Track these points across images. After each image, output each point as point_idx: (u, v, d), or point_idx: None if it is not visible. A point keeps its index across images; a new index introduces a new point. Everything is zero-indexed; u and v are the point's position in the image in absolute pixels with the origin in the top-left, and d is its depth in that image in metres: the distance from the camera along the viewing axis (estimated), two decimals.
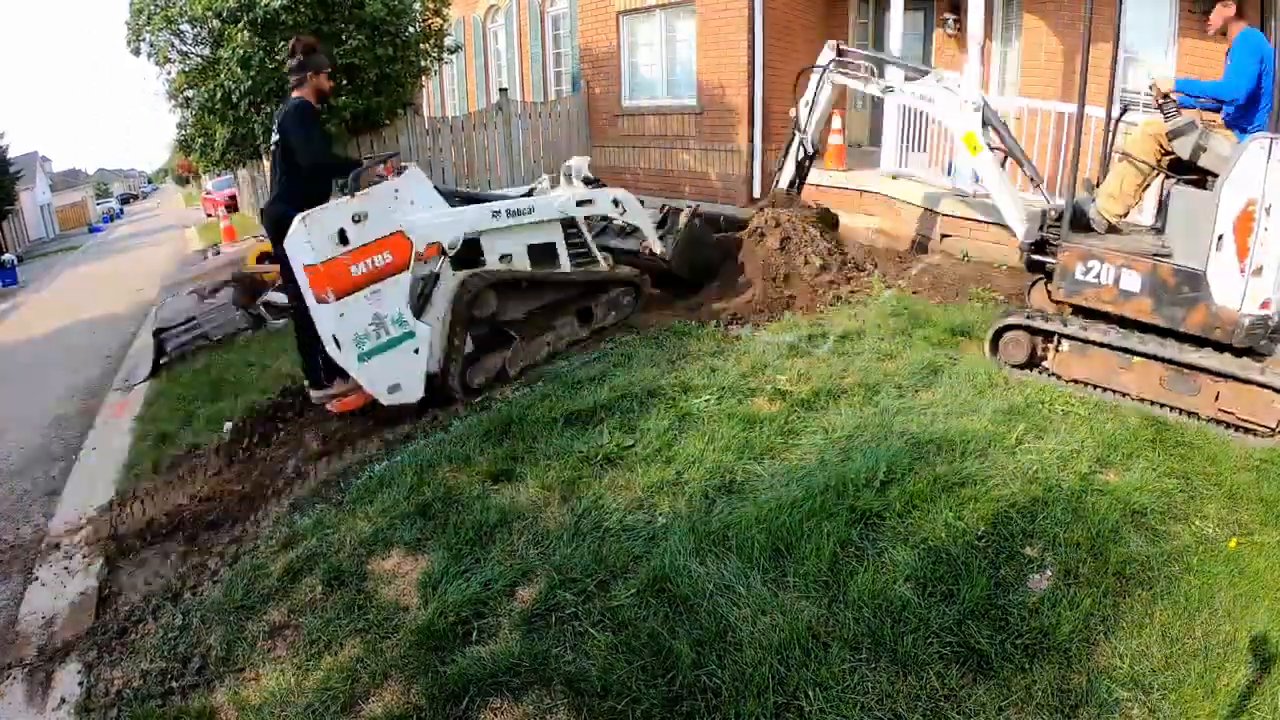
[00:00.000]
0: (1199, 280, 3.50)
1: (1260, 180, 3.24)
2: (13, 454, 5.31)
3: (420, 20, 8.68)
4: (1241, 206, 3.31)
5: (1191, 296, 3.54)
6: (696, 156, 9.02)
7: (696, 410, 3.83)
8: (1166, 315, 3.65)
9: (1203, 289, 3.49)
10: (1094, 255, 3.87)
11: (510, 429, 3.82)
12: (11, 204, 28.76)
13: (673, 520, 2.98)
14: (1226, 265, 3.40)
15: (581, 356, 4.84)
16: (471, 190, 4.98)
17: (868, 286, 5.69)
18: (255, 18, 6.81)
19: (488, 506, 3.21)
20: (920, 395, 3.91)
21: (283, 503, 3.67)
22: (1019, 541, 2.74)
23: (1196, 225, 3.51)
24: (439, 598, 2.69)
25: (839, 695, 2.15)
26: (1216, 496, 2.97)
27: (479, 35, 12.12)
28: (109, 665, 2.79)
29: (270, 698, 2.45)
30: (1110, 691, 2.14)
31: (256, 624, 2.80)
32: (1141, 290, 3.71)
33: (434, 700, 2.29)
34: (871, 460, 3.20)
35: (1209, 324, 3.50)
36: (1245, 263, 3.34)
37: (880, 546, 2.73)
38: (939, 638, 2.32)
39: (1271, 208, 3.24)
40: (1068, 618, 2.37)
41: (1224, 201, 3.37)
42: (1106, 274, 3.83)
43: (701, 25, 8.57)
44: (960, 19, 8.02)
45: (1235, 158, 3.34)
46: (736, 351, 4.61)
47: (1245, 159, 3.28)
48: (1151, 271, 3.67)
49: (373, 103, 7.84)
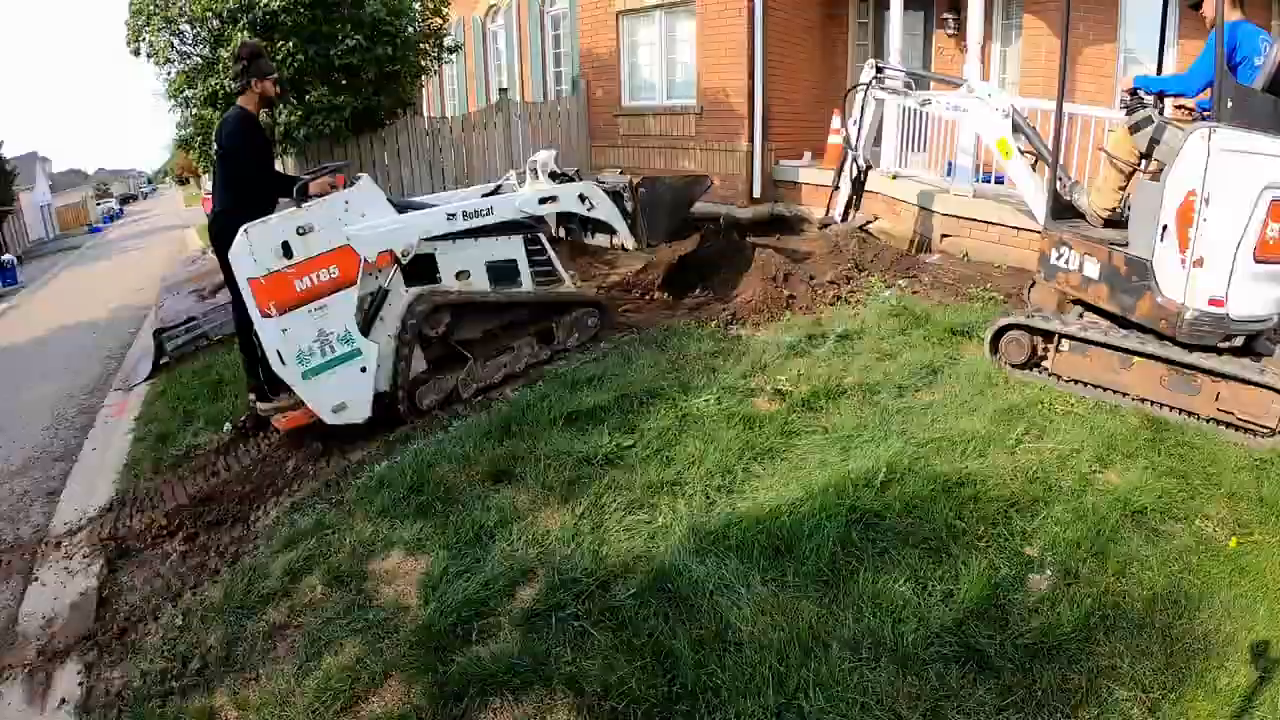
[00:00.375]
0: (1146, 270, 3.54)
1: (1200, 171, 3.24)
2: (13, 454, 5.30)
3: (420, 20, 8.68)
4: (1183, 197, 3.33)
5: (1140, 285, 3.59)
6: (696, 157, 9.02)
7: (696, 410, 3.83)
8: (1119, 303, 3.71)
9: (1149, 278, 3.53)
10: (1064, 242, 4.00)
11: (510, 429, 3.82)
12: (11, 204, 28.76)
13: (673, 520, 2.98)
14: (1169, 256, 3.43)
15: (581, 356, 4.84)
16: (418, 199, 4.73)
17: (868, 286, 5.70)
18: (255, 18, 6.81)
19: (488, 506, 3.21)
20: (920, 395, 3.91)
21: (283, 503, 3.67)
22: (1019, 541, 2.74)
23: (1148, 216, 3.55)
24: (439, 598, 2.69)
25: (839, 695, 2.15)
26: (1216, 496, 2.97)
27: (479, 35, 12.12)
28: (109, 665, 2.80)
29: (270, 698, 2.45)
30: (1110, 691, 2.14)
31: (256, 624, 2.81)
32: (1099, 277, 3.80)
33: (434, 700, 2.29)
34: (871, 460, 3.21)
35: (1155, 314, 3.54)
36: (1185, 254, 3.35)
37: (880, 546, 2.72)
38: (939, 638, 2.32)
39: (1211, 198, 3.24)
40: (1068, 618, 2.37)
41: (1168, 192, 3.39)
42: (1073, 260, 3.94)
43: (701, 25, 8.56)
44: (960, 19, 8.03)
45: (1177, 148, 3.36)
46: (736, 351, 4.61)
47: (1186, 150, 3.30)
48: (1107, 259, 3.75)
49: (372, 103, 7.83)
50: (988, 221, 6.25)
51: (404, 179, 8.68)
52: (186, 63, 7.52)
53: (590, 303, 5.13)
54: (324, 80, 7.34)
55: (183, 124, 7.89)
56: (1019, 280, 5.50)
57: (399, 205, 4.21)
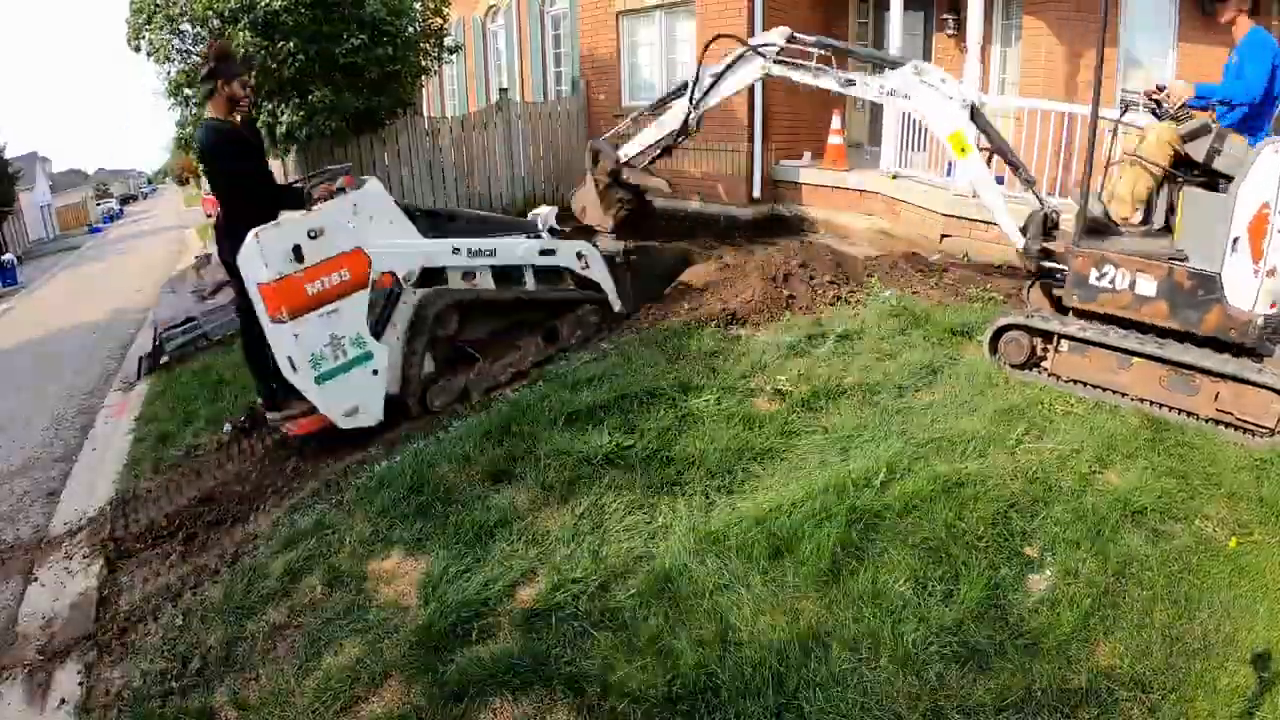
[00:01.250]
0: (1214, 283, 3.52)
1: (1274, 184, 3.27)
2: (13, 454, 5.31)
3: (420, 20, 8.68)
4: (1256, 209, 3.34)
5: (1207, 299, 3.56)
6: (696, 157, 9.02)
7: (696, 410, 3.83)
8: (1182, 318, 3.65)
9: (1217, 291, 3.52)
10: (1108, 260, 3.82)
11: (510, 429, 3.82)
12: (11, 204, 28.75)
13: (673, 520, 2.98)
14: (1241, 267, 3.43)
15: (582, 356, 4.84)
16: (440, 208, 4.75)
17: (868, 286, 5.69)
18: (256, 17, 6.82)
19: (488, 506, 3.21)
20: (920, 395, 3.91)
21: (283, 503, 3.67)
22: (1019, 541, 2.74)
23: (1211, 228, 3.53)
24: (439, 598, 2.69)
25: (839, 695, 2.15)
26: (1216, 496, 2.97)
27: (479, 35, 12.12)
28: (109, 665, 2.80)
29: (270, 698, 2.45)
30: (1110, 691, 2.14)
31: (256, 624, 2.81)
32: (1158, 294, 3.70)
33: (434, 700, 2.30)
34: (871, 460, 3.21)
35: (1224, 325, 3.52)
36: (1260, 264, 3.37)
37: (880, 546, 2.73)
38: (939, 638, 2.32)
39: None
40: (1068, 618, 2.37)
41: (1239, 204, 3.39)
42: (1121, 279, 3.79)
43: (701, 25, 8.56)
44: (960, 20, 8.02)
45: (1251, 161, 3.37)
46: (736, 351, 4.61)
47: (1260, 162, 3.32)
48: (1167, 275, 3.67)
49: (373, 103, 7.84)
50: (988, 222, 6.25)
51: (404, 179, 8.69)
52: (187, 62, 7.53)
53: (593, 300, 5.14)
54: (325, 80, 7.34)
55: (183, 123, 7.90)
56: (1019, 280, 5.50)
57: (408, 211, 4.15)
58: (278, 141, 7.33)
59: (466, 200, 9.33)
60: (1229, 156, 3.65)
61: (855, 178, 7.92)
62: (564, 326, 4.96)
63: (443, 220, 4.53)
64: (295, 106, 7.15)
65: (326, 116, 7.31)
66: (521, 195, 9.85)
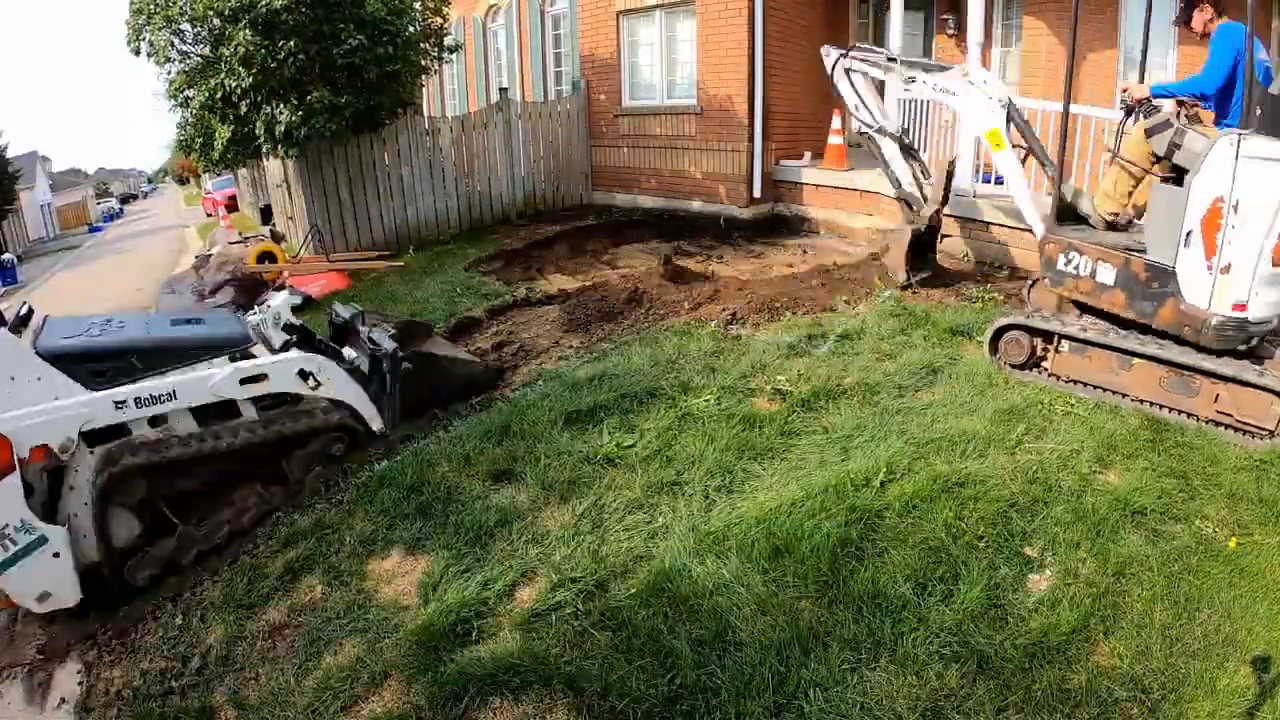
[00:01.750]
0: (1169, 276, 3.52)
1: (1229, 177, 3.23)
2: None
3: (420, 20, 8.68)
4: (1209, 203, 3.31)
5: (1162, 292, 3.56)
6: (696, 157, 9.02)
7: (696, 410, 3.83)
8: (1138, 309, 3.67)
9: (1172, 285, 3.50)
10: (1074, 248, 3.93)
11: (510, 429, 3.82)
12: (11, 203, 28.76)
13: (672, 520, 2.99)
14: (1195, 262, 3.40)
15: (581, 356, 4.84)
16: (105, 337, 3.43)
17: (867, 286, 5.70)
18: (256, 17, 6.82)
19: (488, 506, 3.21)
20: (920, 395, 3.91)
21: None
22: (1019, 541, 2.74)
23: (1169, 221, 3.53)
24: (439, 598, 2.70)
25: (839, 695, 2.15)
26: (1216, 496, 2.97)
27: (479, 35, 12.12)
28: (109, 665, 2.80)
29: (270, 697, 2.45)
30: (1110, 692, 2.14)
31: (256, 624, 2.81)
32: (1115, 283, 3.75)
33: (434, 700, 2.30)
34: (871, 460, 3.21)
35: (1178, 321, 3.51)
36: (1213, 260, 3.34)
37: (880, 546, 2.73)
38: (939, 638, 2.32)
39: (1239, 205, 3.23)
40: (1067, 618, 2.37)
41: (1193, 198, 3.36)
42: (1085, 266, 3.89)
43: (701, 25, 8.56)
44: (960, 20, 8.03)
45: (1204, 154, 3.35)
46: (736, 351, 4.61)
47: (1214, 155, 3.28)
48: (1124, 265, 3.71)
49: (373, 102, 7.84)
50: (988, 222, 6.26)
51: (404, 178, 8.69)
52: (187, 62, 7.53)
53: (336, 427, 3.83)
54: (325, 80, 7.34)
55: (183, 124, 7.90)
56: (1019, 280, 5.51)
57: (60, 354, 3.22)
58: (278, 142, 7.32)
59: (467, 200, 9.33)
60: (1187, 150, 3.63)
61: (856, 177, 7.92)
62: (293, 465, 3.79)
63: (125, 355, 3.43)
64: (294, 106, 7.14)
65: (326, 117, 7.30)
66: (521, 195, 9.86)
